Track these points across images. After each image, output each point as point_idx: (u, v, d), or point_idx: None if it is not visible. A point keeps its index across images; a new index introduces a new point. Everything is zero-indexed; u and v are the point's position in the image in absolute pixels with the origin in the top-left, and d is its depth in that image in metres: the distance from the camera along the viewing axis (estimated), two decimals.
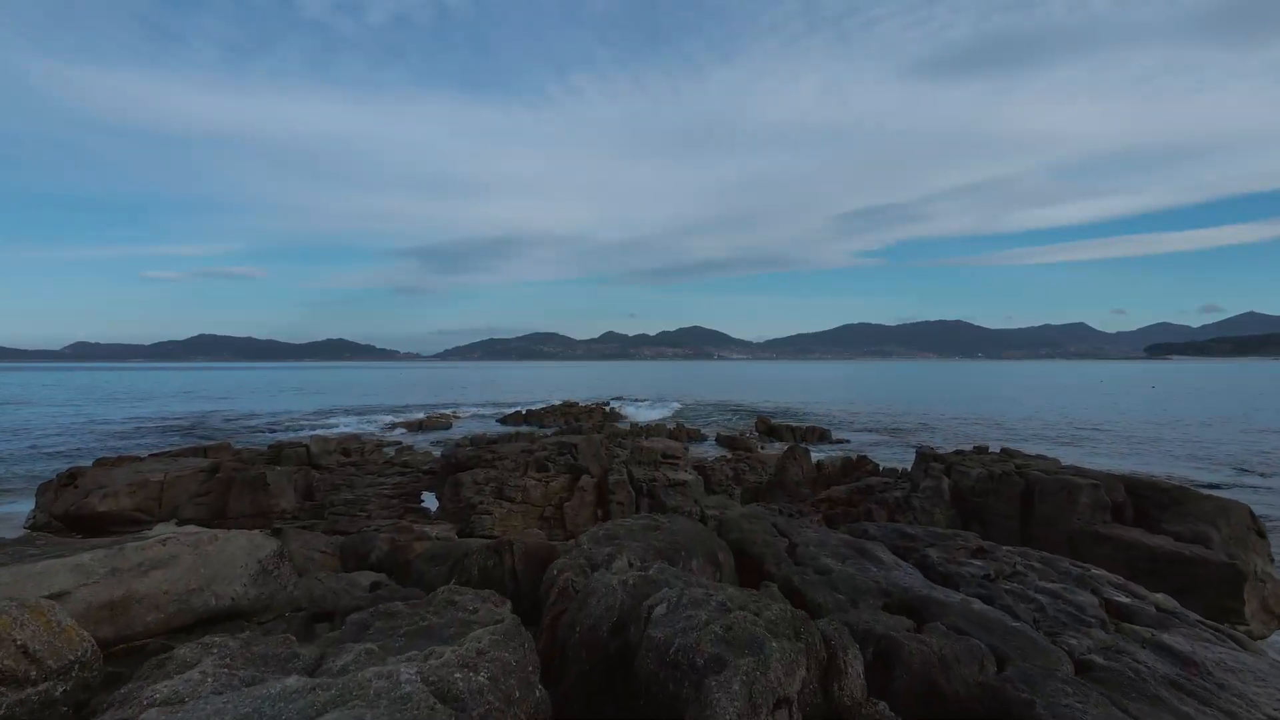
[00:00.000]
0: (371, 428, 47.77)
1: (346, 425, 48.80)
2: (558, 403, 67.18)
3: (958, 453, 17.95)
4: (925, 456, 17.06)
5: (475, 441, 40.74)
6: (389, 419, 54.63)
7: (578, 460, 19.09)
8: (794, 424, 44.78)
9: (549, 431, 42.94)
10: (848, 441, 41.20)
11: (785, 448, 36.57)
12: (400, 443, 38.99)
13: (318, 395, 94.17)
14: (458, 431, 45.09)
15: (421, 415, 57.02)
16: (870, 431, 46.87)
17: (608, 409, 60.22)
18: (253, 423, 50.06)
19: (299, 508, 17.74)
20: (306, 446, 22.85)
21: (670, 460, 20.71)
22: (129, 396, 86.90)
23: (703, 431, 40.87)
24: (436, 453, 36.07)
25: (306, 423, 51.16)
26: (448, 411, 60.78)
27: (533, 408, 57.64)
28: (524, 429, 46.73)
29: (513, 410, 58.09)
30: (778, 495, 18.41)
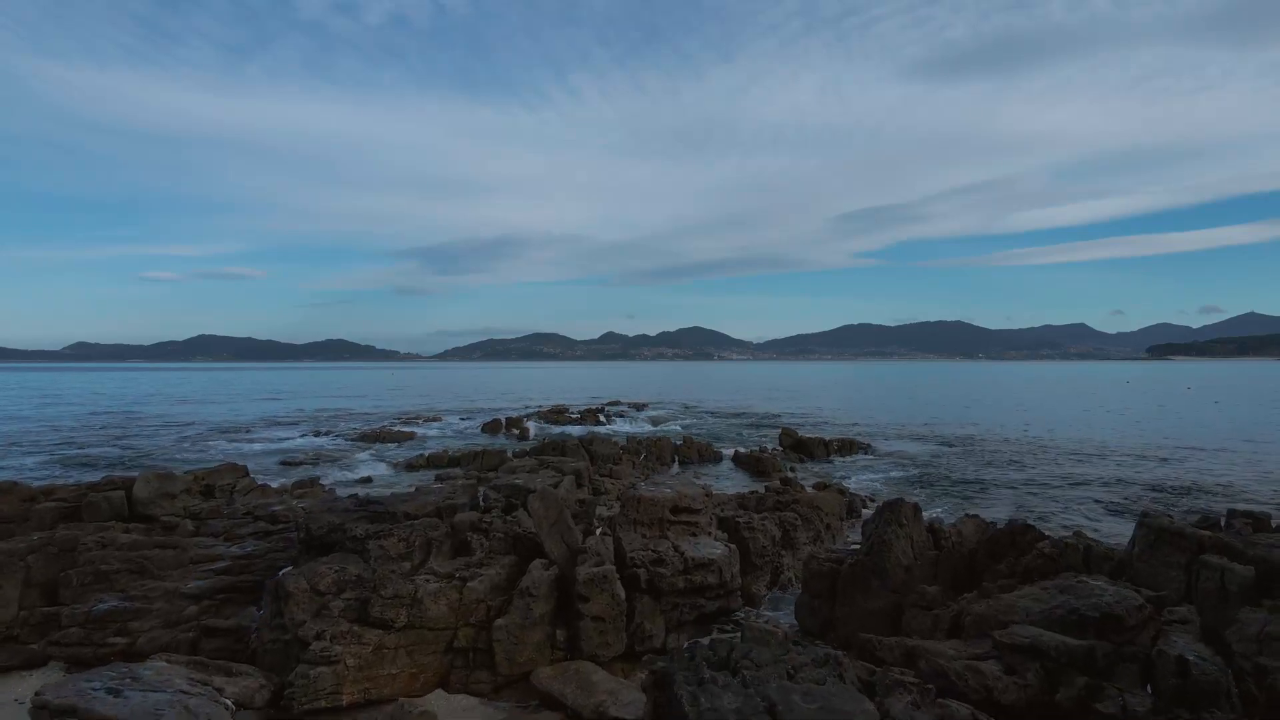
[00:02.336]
0: (319, 442, 39.88)
1: (286, 439, 40.88)
2: (545, 408, 59.29)
3: (1205, 522, 10.11)
4: (1166, 530, 9.25)
5: (433, 459, 32.81)
6: (349, 427, 46.74)
7: (528, 526, 11.20)
8: (826, 437, 36.83)
9: (529, 444, 35.09)
10: (893, 454, 33.32)
11: (825, 475, 28.65)
12: (351, 457, 31.12)
13: (289, 399, 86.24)
14: (414, 448, 37.21)
15: (386, 423, 49.10)
16: (915, 440, 38.94)
17: (601, 415, 52.36)
18: (163, 438, 42.12)
19: (19, 621, 9.88)
20: (127, 489, 14.99)
21: (685, 519, 12.84)
22: (74, 401, 78.96)
23: (715, 447, 32.94)
24: (382, 472, 28.24)
25: (242, 435, 43.23)
26: (420, 417, 52.87)
27: (513, 415, 49.72)
28: (499, 442, 38.82)
29: (492, 417, 50.14)
30: (873, 590, 10.61)
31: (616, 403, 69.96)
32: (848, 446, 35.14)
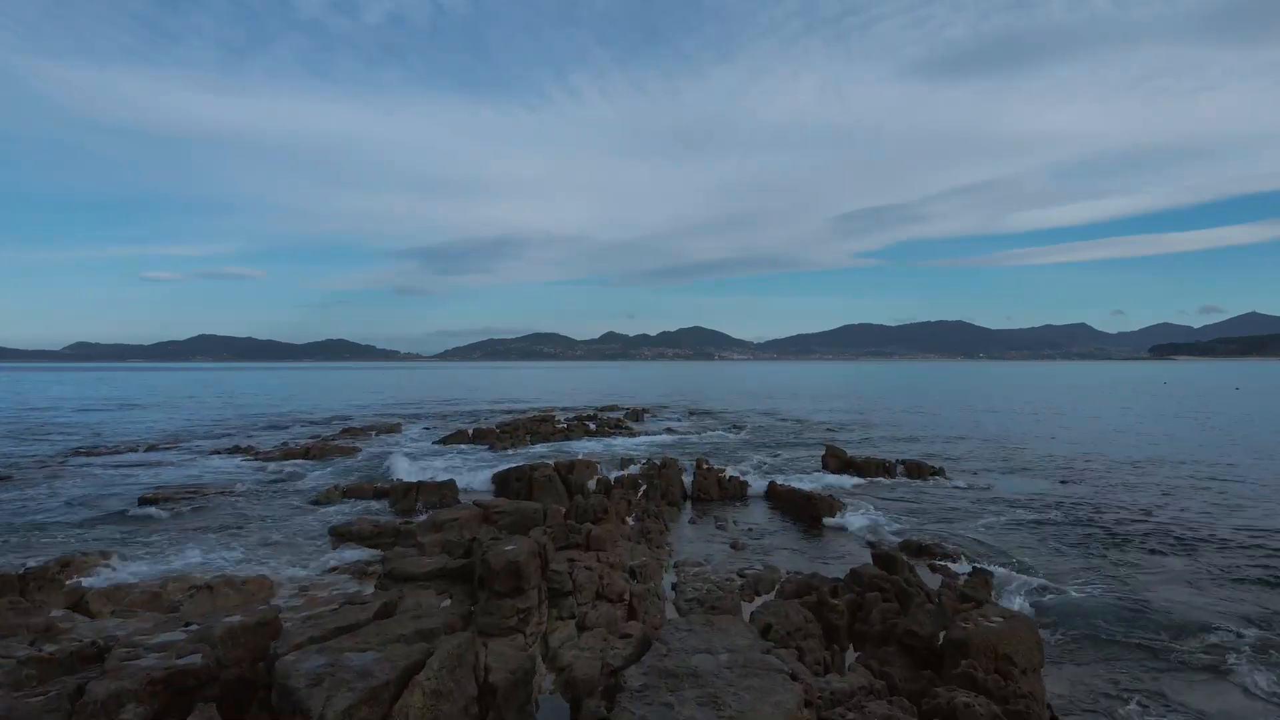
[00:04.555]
0: (227, 464, 31.29)
1: (186, 460, 32.22)
2: (527, 416, 50.72)
3: None
4: None
5: (352, 491, 23.77)
6: (282, 440, 38.14)
7: None
8: (881, 456, 28.13)
9: (491, 469, 26.51)
10: (978, 485, 24.62)
11: (907, 524, 19.79)
12: (234, 488, 22.33)
13: (245, 404, 77.69)
14: (349, 469, 28.51)
15: (330, 435, 40.47)
16: (994, 460, 30.17)
17: (591, 424, 43.60)
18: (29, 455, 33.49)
19: None
20: None
21: None
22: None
23: (744, 477, 24.15)
24: (264, 513, 19.39)
25: (136, 454, 34.63)
26: (373, 429, 44.15)
27: (486, 426, 41.04)
28: (461, 453, 30.14)
29: (465, 426, 41.42)
30: None
31: (613, 408, 61.27)
32: (915, 470, 26.45)
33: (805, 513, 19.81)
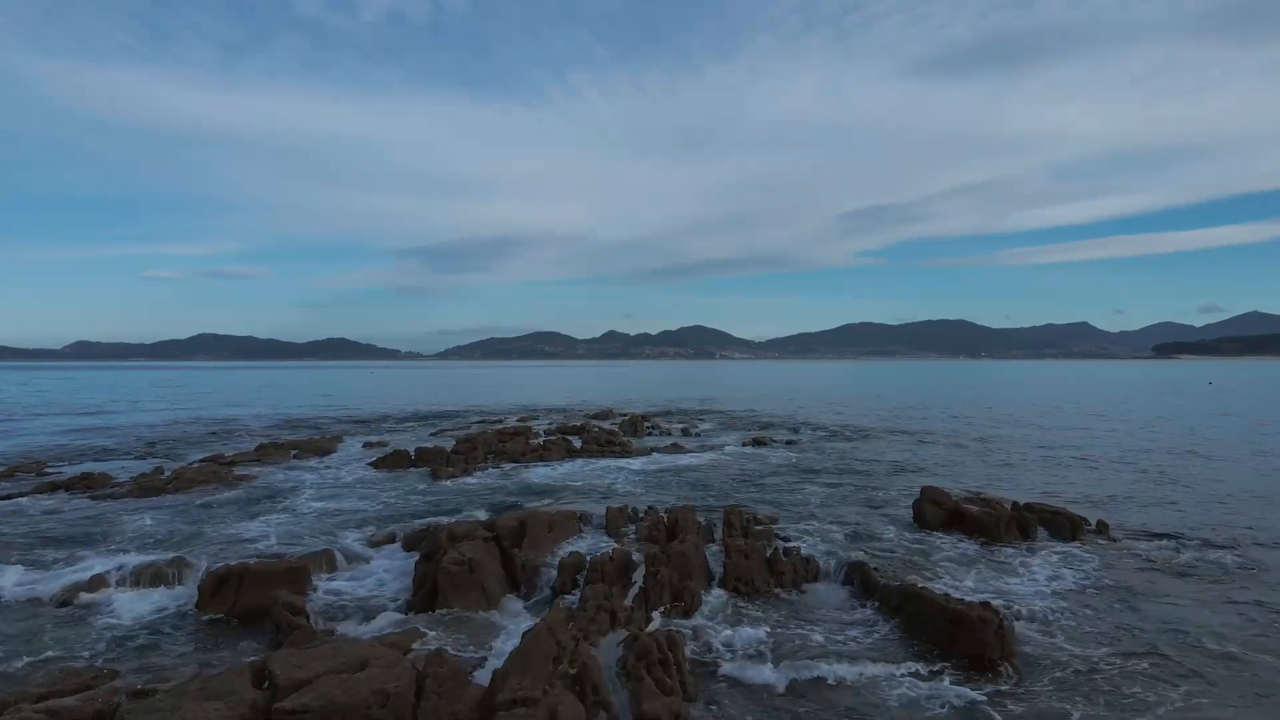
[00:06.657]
0: (57, 506, 21.97)
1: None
2: (496, 428, 41.34)
3: None
4: None
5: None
6: (175, 453, 28.89)
7: None
8: (992, 494, 18.75)
9: (405, 519, 17.20)
10: (1207, 566, 15.27)
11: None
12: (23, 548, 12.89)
13: (196, 406, 68.47)
14: (235, 498, 19.18)
15: (240, 451, 31.06)
16: (1186, 532, 20.63)
17: (576, 440, 34.02)
18: None
19: None
20: None
21: None
22: None
23: (804, 552, 14.66)
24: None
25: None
26: (297, 447, 34.66)
27: (437, 443, 31.58)
28: (374, 484, 20.78)
29: (396, 449, 31.89)
30: None
31: (608, 413, 51.78)
32: (1060, 526, 17.00)
33: (949, 643, 10.34)
